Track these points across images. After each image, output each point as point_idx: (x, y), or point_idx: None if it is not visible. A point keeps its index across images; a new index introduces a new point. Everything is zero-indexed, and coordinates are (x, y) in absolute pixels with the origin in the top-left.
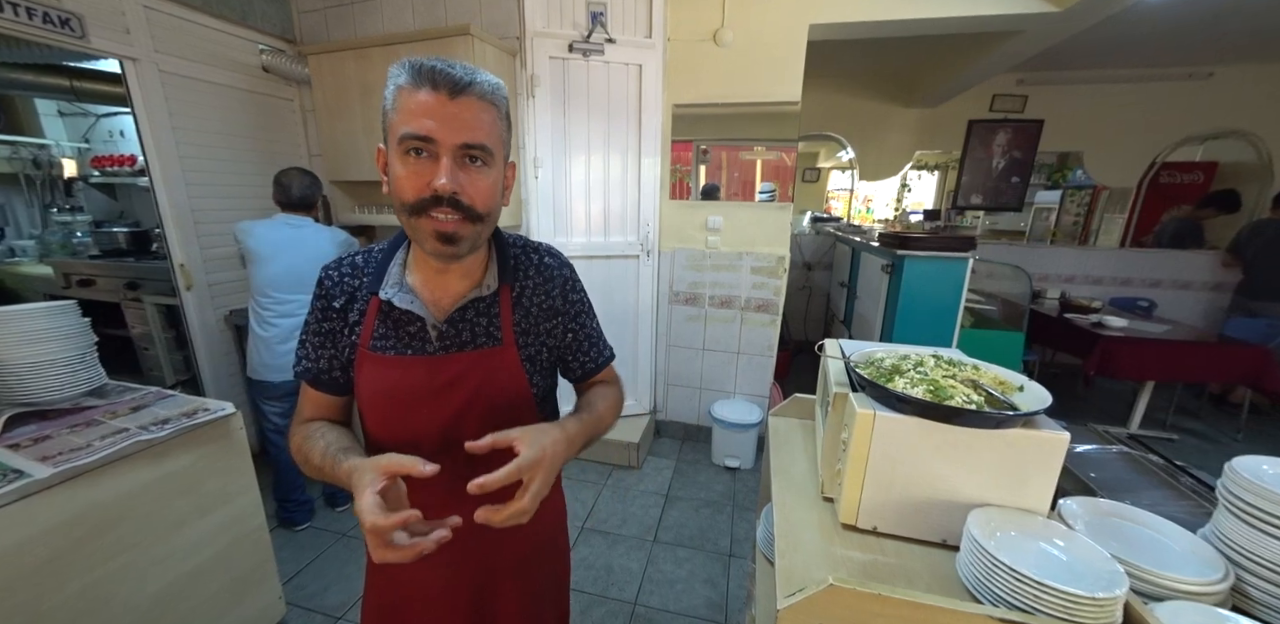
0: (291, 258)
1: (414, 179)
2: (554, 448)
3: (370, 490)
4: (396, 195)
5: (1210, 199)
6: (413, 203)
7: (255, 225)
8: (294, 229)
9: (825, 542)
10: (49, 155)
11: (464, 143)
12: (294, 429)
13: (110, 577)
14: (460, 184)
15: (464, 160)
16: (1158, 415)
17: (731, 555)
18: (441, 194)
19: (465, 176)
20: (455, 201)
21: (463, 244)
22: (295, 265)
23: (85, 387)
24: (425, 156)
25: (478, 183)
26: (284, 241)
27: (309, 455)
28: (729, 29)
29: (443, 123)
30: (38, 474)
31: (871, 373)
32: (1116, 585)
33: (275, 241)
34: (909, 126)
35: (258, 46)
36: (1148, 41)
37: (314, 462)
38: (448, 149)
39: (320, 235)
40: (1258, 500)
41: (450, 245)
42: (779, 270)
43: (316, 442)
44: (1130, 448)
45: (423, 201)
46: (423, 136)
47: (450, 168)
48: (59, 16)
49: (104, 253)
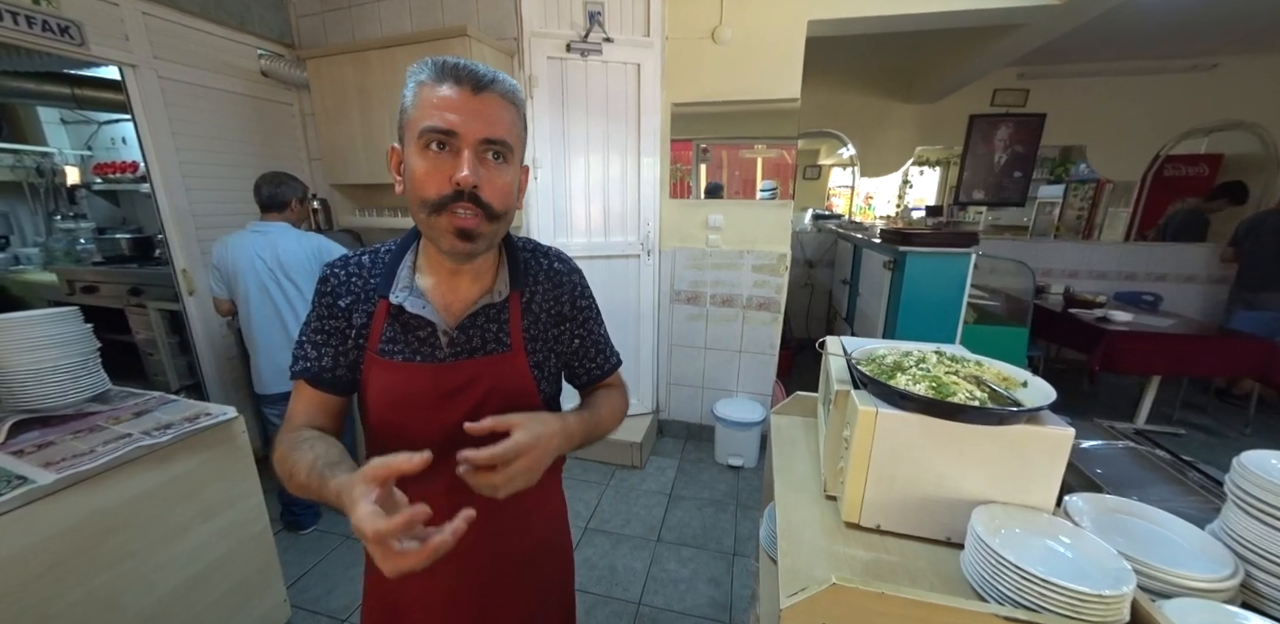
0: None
1: (435, 174)
2: (549, 440)
3: (365, 501)
4: (415, 192)
5: (1220, 190)
6: (435, 200)
7: (225, 240)
8: (260, 236)
9: (828, 540)
10: (52, 163)
11: (486, 137)
12: (280, 437)
13: (115, 582)
14: (480, 179)
15: (485, 155)
16: (1164, 410)
17: (735, 555)
18: (463, 187)
19: (485, 172)
20: (475, 197)
21: (480, 242)
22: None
23: (88, 392)
24: (446, 151)
25: (497, 180)
26: (248, 250)
27: (294, 470)
28: (727, 26)
29: (466, 117)
30: (41, 480)
31: (873, 370)
32: (1123, 583)
33: (245, 252)
34: (909, 122)
35: (256, 51)
36: (1150, 33)
37: (299, 478)
38: (470, 143)
39: (287, 241)
40: (1267, 495)
41: (469, 242)
42: (780, 268)
43: (304, 454)
44: (1136, 443)
45: (444, 198)
46: (445, 130)
47: (472, 161)
48: (58, 24)
49: (107, 259)
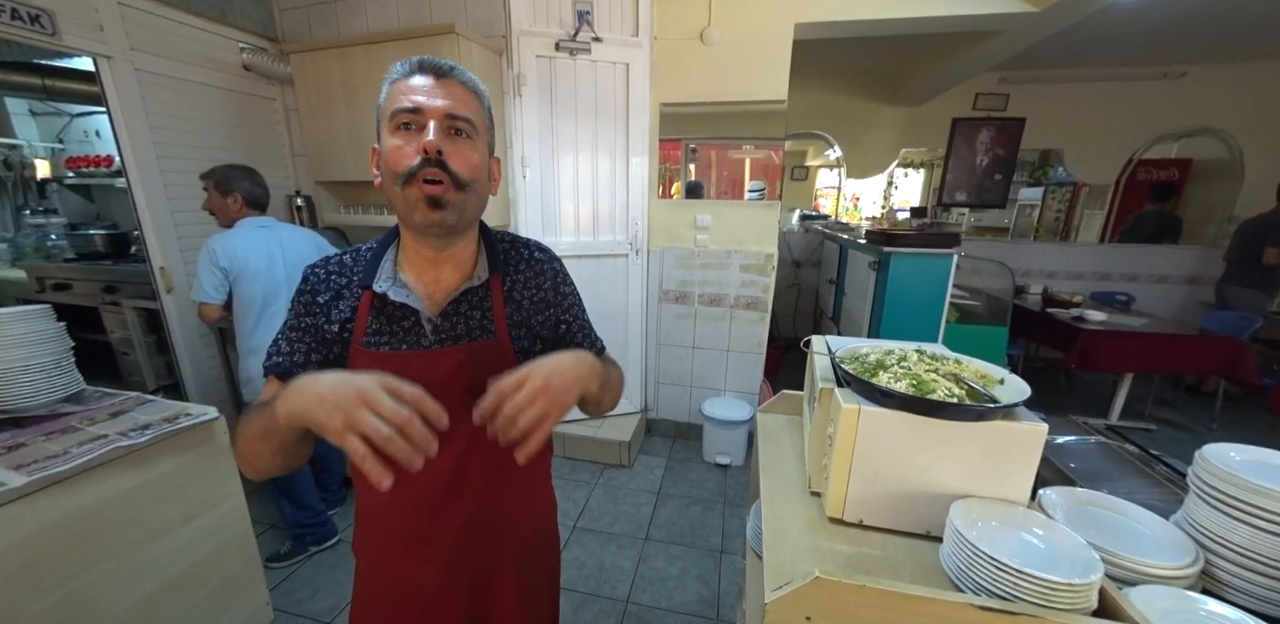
0: (278, 262)
1: (404, 148)
2: (558, 360)
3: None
4: (389, 169)
5: (1150, 192)
6: (403, 171)
7: (228, 239)
8: (269, 231)
9: (812, 535)
10: (21, 156)
11: (449, 112)
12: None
13: (91, 585)
14: (446, 148)
15: (450, 131)
16: (1136, 406)
17: (723, 552)
18: (429, 151)
19: (450, 144)
20: (441, 163)
21: (450, 212)
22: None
23: (61, 393)
24: (414, 129)
25: (462, 151)
26: (263, 249)
27: (250, 427)
28: (716, 27)
29: (430, 96)
30: (12, 482)
31: (856, 368)
32: (1092, 571)
33: (258, 250)
34: (894, 125)
35: (238, 44)
36: (1124, 42)
37: (256, 427)
38: (435, 116)
39: (295, 234)
40: (1226, 487)
41: (439, 210)
42: (767, 268)
43: (254, 415)
44: (1108, 438)
45: (412, 168)
46: (411, 108)
47: (437, 131)
48: (28, 13)
49: (80, 256)
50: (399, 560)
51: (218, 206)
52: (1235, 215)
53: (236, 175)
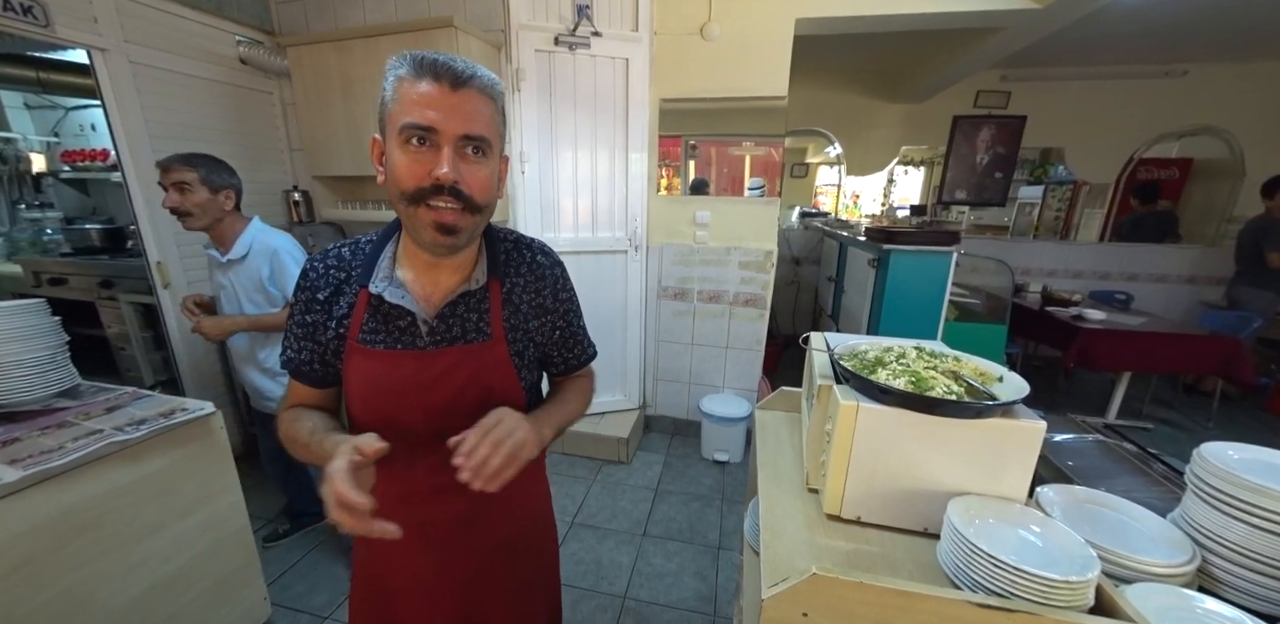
0: None
1: (414, 167)
2: (510, 415)
3: (343, 459)
4: (395, 184)
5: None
6: (412, 191)
7: (289, 238)
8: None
9: (810, 532)
10: (15, 150)
11: (465, 134)
12: (280, 415)
13: (87, 581)
14: (461, 174)
15: (464, 151)
16: (1134, 405)
17: (721, 548)
18: (443, 183)
19: (465, 167)
20: (456, 191)
21: (461, 236)
22: None
23: (56, 388)
24: (427, 146)
25: (477, 173)
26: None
27: (296, 435)
28: (716, 23)
29: (445, 113)
30: (6, 477)
31: (855, 365)
32: (1089, 569)
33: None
34: (895, 122)
35: (234, 38)
36: (1126, 40)
37: (301, 439)
38: (449, 139)
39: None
40: (1223, 485)
41: (449, 236)
42: (767, 265)
43: (304, 423)
44: (1106, 437)
45: (422, 190)
46: (425, 126)
47: (452, 157)
48: (20, 4)
49: (76, 250)
50: (396, 554)
51: (201, 204)
52: (1236, 215)
53: (223, 168)
